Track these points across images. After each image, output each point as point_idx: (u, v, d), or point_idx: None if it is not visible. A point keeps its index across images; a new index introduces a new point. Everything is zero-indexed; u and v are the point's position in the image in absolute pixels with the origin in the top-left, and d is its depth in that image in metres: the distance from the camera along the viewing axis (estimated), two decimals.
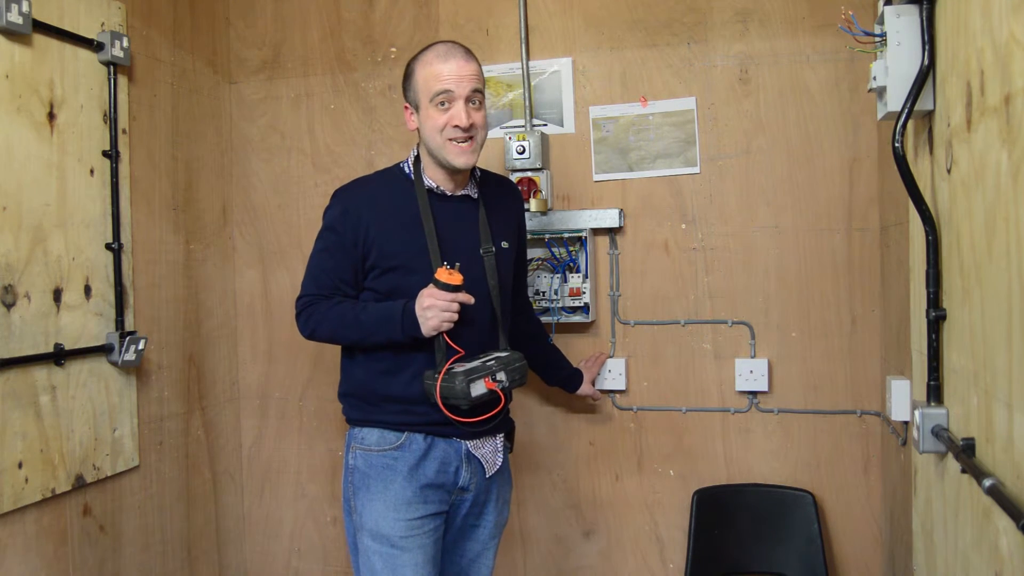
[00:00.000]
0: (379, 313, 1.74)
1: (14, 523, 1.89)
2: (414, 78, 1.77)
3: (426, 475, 1.76)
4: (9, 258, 1.88)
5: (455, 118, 1.71)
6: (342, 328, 1.77)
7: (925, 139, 1.42)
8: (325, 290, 1.80)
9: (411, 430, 1.77)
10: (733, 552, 2.30)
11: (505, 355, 1.79)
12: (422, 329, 1.70)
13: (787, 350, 2.31)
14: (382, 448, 1.77)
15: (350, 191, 1.85)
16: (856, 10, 1.61)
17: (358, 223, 1.76)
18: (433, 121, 1.73)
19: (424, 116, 1.75)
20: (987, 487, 0.95)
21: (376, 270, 1.78)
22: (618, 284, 2.43)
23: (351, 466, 1.81)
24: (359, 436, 1.81)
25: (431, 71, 1.73)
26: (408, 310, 1.71)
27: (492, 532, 1.91)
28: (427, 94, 1.73)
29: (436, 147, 1.75)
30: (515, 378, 1.78)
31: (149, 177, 2.36)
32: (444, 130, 1.72)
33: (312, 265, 1.83)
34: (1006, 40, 0.96)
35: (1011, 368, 0.97)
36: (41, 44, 1.98)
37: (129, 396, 2.25)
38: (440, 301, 1.67)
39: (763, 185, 2.32)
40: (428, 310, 1.68)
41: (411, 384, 1.76)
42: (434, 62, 1.73)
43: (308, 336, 1.83)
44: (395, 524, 1.73)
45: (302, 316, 1.82)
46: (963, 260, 1.18)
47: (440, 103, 1.72)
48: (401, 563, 1.72)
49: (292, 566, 2.74)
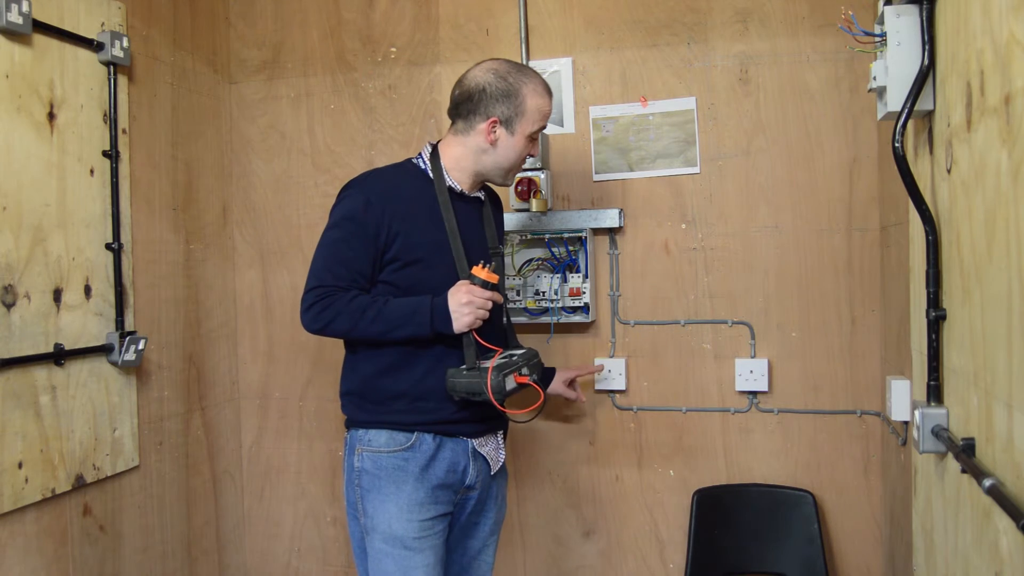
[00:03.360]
0: (405, 307, 1.71)
1: (14, 523, 1.89)
2: (523, 102, 1.78)
3: (437, 475, 1.76)
4: (9, 258, 1.88)
5: (535, 150, 1.84)
6: (363, 322, 1.70)
7: (925, 139, 1.42)
8: (342, 281, 1.73)
9: (421, 430, 1.76)
10: (733, 552, 2.30)
11: (523, 351, 1.83)
12: (454, 325, 1.69)
13: (787, 350, 2.31)
14: (392, 449, 1.76)
15: (371, 182, 1.82)
16: (856, 10, 1.61)
17: (382, 214, 1.74)
18: (521, 148, 1.81)
19: (515, 141, 1.80)
20: (987, 487, 0.95)
21: (397, 263, 1.76)
22: (618, 284, 2.43)
23: (358, 468, 1.79)
24: (365, 438, 1.79)
25: (542, 104, 1.81)
26: (438, 305, 1.70)
27: (492, 528, 1.92)
28: (531, 124, 1.80)
29: (506, 167, 1.83)
30: (537, 371, 1.82)
31: (149, 177, 2.36)
32: (524, 159, 1.84)
33: (327, 255, 1.75)
34: (1006, 40, 0.96)
35: (1011, 368, 0.97)
36: (41, 44, 1.98)
37: (129, 396, 2.25)
38: (478, 299, 1.69)
39: (763, 185, 2.32)
40: (466, 306, 1.68)
41: (423, 380, 1.76)
42: (544, 95, 1.82)
43: (319, 329, 1.73)
44: (408, 525, 1.73)
45: (316, 307, 1.72)
46: (963, 260, 1.18)
47: (533, 136, 1.82)
48: (413, 564, 1.72)
49: (292, 566, 2.74)
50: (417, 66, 2.59)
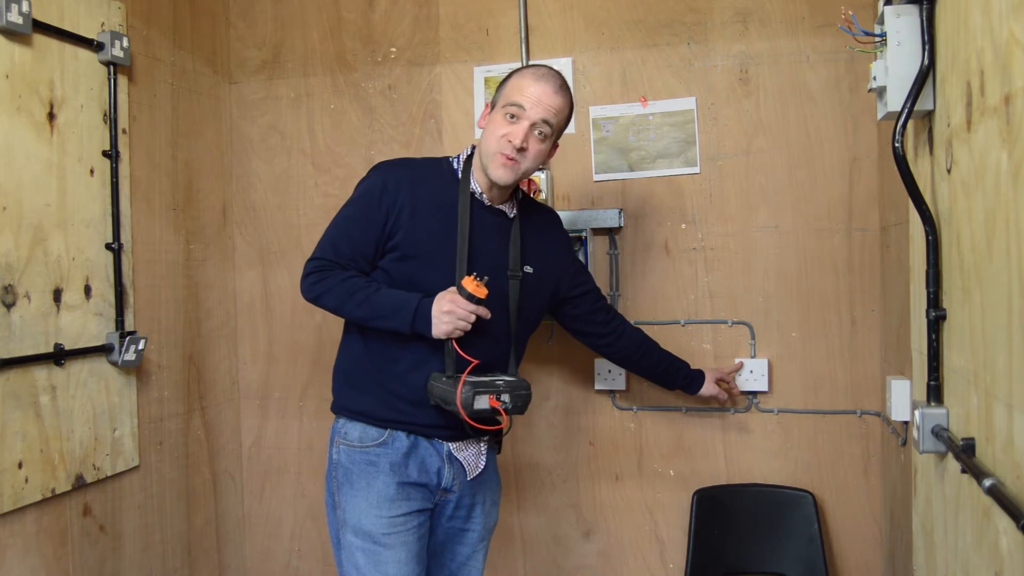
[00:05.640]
0: (392, 300, 1.72)
1: (14, 523, 1.89)
2: (507, 82, 1.80)
3: (408, 474, 1.77)
4: (9, 258, 1.88)
5: (513, 135, 1.73)
6: (350, 303, 1.73)
7: (925, 139, 1.42)
8: (342, 259, 1.76)
9: (393, 427, 1.77)
10: (733, 552, 2.30)
11: (513, 380, 1.76)
12: (432, 330, 1.69)
13: (787, 350, 2.31)
14: (364, 444, 1.78)
15: (395, 168, 1.83)
16: (856, 10, 1.61)
17: (394, 201, 1.75)
18: (495, 127, 1.76)
19: (492, 119, 1.78)
20: (987, 487, 0.95)
21: (396, 253, 1.76)
22: (618, 284, 2.43)
23: (334, 461, 1.82)
24: (342, 431, 1.82)
25: (520, 83, 1.77)
26: (422, 307, 1.70)
27: (481, 535, 1.91)
28: (504, 100, 1.76)
29: (486, 152, 1.77)
30: (518, 404, 1.73)
31: (149, 177, 2.36)
32: (499, 140, 1.75)
33: (335, 231, 1.79)
34: (1006, 40, 0.96)
35: (1011, 368, 0.97)
36: (41, 44, 1.98)
37: (129, 396, 2.25)
38: (459, 309, 1.67)
39: (763, 185, 2.32)
40: (446, 315, 1.67)
41: (403, 377, 1.76)
42: (527, 77, 1.77)
43: (311, 299, 1.77)
44: (377, 521, 1.74)
45: (311, 278, 1.76)
46: (963, 260, 1.18)
47: (510, 115, 1.75)
48: (384, 559, 1.73)
49: (292, 566, 2.74)
50: (417, 66, 2.59)
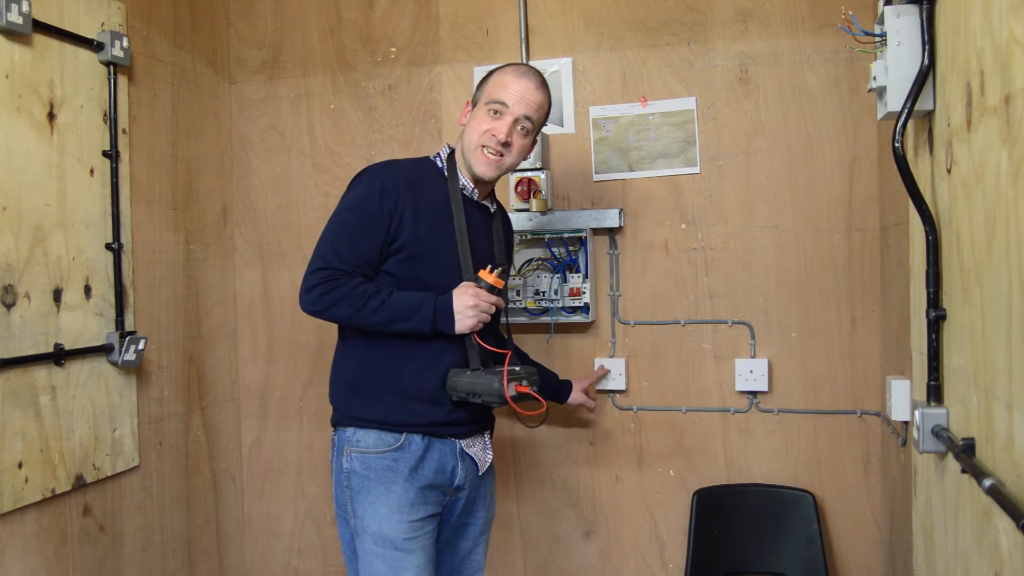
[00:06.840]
0: (408, 302, 1.71)
1: (14, 523, 1.89)
2: (488, 79, 1.83)
3: (426, 476, 1.76)
4: (9, 258, 1.88)
5: (497, 129, 1.76)
6: (365, 310, 1.68)
7: (925, 139, 1.42)
8: (348, 266, 1.71)
9: (409, 431, 1.75)
10: (733, 552, 2.30)
11: (525, 368, 1.78)
12: (457, 326, 1.69)
13: (787, 350, 2.31)
14: (380, 450, 1.75)
15: (387, 170, 1.81)
16: (856, 10, 1.61)
17: (396, 203, 1.74)
18: (478, 123, 1.79)
19: (474, 115, 1.81)
20: (987, 487, 0.95)
21: (401, 254, 1.75)
22: (618, 284, 2.43)
23: (347, 470, 1.77)
24: (353, 439, 1.77)
25: (502, 80, 1.80)
26: (442, 304, 1.70)
27: (482, 528, 1.92)
28: (487, 97, 1.79)
29: (468, 147, 1.79)
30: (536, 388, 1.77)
31: (149, 177, 2.36)
32: (483, 136, 1.77)
33: (335, 238, 1.73)
34: (1006, 40, 0.96)
35: (1011, 368, 0.97)
36: (41, 44, 1.98)
37: (129, 396, 2.25)
38: (483, 302, 1.70)
39: (763, 185, 2.32)
40: (471, 308, 1.69)
41: (416, 379, 1.75)
42: (509, 74, 1.80)
43: (318, 312, 1.70)
44: (399, 526, 1.72)
45: (318, 289, 1.69)
46: (963, 260, 1.18)
47: (493, 111, 1.78)
48: (405, 565, 1.71)
49: (292, 566, 2.74)
50: (417, 66, 2.59)
